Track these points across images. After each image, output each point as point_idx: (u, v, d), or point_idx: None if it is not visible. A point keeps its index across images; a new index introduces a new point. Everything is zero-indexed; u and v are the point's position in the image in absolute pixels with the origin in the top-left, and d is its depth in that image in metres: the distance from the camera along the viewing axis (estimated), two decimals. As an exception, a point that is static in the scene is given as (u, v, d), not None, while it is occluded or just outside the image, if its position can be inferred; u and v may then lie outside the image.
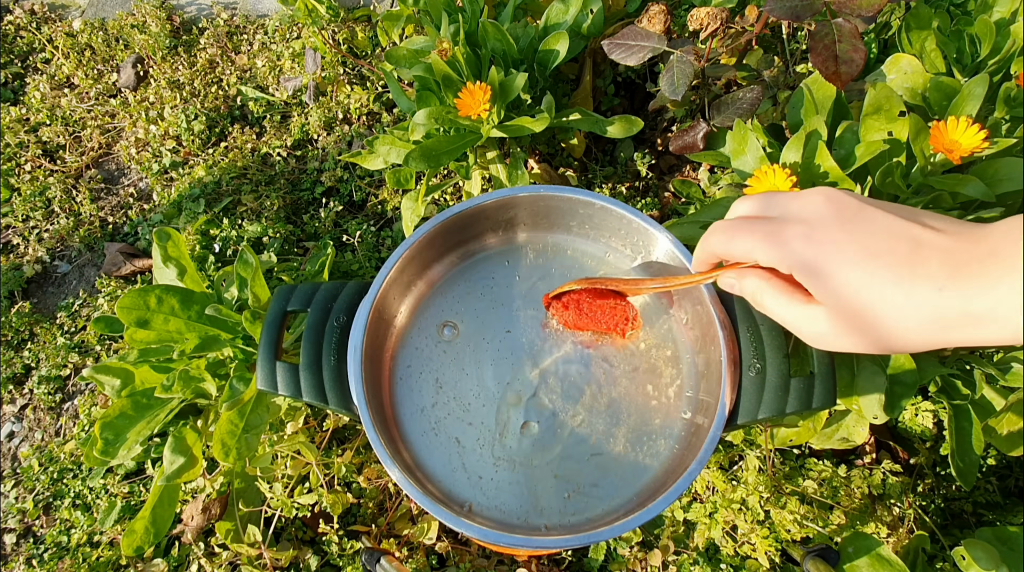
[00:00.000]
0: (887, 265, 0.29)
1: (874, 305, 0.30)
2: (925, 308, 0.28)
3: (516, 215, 0.60)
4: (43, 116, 1.37)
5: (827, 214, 0.32)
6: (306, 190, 1.23)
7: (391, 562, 0.77)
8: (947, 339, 0.29)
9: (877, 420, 0.66)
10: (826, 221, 0.31)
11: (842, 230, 0.31)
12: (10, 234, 1.26)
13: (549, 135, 1.07)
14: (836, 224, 0.31)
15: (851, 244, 0.30)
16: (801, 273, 0.32)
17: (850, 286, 0.30)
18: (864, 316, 0.30)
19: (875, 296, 0.29)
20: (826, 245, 0.31)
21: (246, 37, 1.46)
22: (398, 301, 0.58)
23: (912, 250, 0.29)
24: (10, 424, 1.09)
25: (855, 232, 0.30)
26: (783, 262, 0.32)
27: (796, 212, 0.33)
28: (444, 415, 0.55)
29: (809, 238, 0.31)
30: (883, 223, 0.30)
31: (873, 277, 0.29)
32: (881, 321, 0.30)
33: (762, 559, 0.80)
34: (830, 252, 0.30)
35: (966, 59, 0.72)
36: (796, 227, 0.32)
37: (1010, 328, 0.27)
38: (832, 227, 0.31)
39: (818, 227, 0.31)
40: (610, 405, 0.55)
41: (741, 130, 0.73)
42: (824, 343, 0.33)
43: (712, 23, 0.76)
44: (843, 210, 0.31)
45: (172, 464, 0.75)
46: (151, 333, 0.75)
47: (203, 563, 0.88)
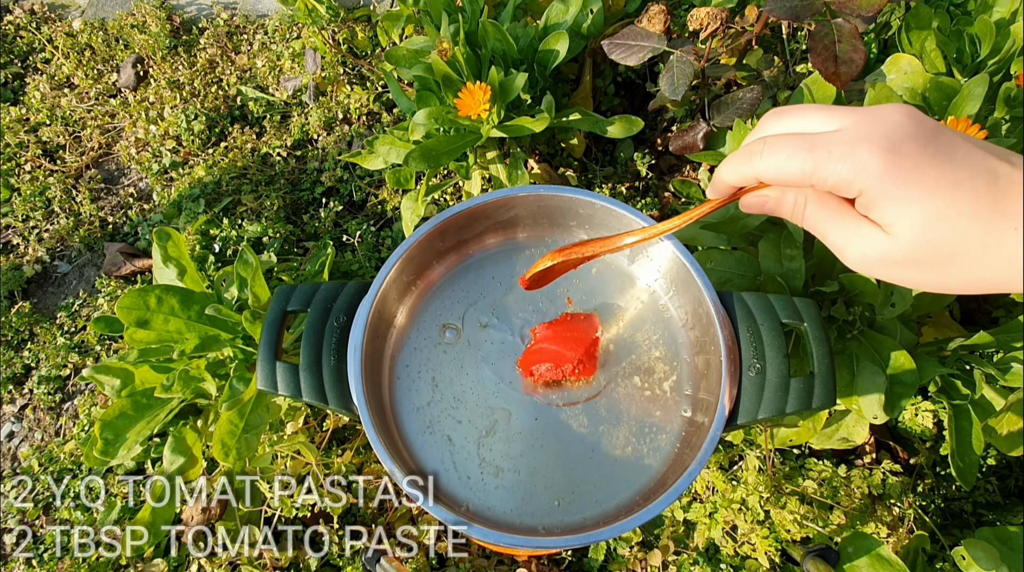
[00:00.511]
0: (967, 198, 0.27)
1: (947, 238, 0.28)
2: (1000, 247, 0.27)
3: (516, 215, 0.60)
4: (43, 116, 1.37)
5: (909, 131, 0.29)
6: (306, 190, 1.23)
7: (391, 562, 0.77)
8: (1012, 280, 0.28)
9: (877, 420, 0.66)
10: (908, 139, 0.28)
11: (924, 151, 0.28)
12: (10, 234, 1.26)
13: (549, 135, 1.07)
14: (918, 143, 0.28)
15: (933, 170, 0.28)
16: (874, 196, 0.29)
17: (927, 216, 0.28)
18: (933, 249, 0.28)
19: (950, 228, 0.28)
20: (907, 167, 0.28)
21: (246, 37, 1.46)
22: (398, 301, 0.58)
23: (991, 183, 0.27)
24: (10, 424, 1.09)
25: (937, 156, 0.28)
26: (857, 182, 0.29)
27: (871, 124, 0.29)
28: (443, 415, 0.55)
29: (890, 156, 0.28)
30: (963, 150, 0.28)
31: (951, 207, 0.27)
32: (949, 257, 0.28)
33: (762, 559, 0.80)
34: (911, 176, 0.28)
35: (966, 59, 0.72)
36: (875, 142, 0.28)
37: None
38: (915, 145, 0.28)
39: (901, 144, 0.28)
40: (610, 405, 0.55)
41: (741, 130, 0.73)
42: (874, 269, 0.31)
43: (712, 23, 0.76)
44: (923, 129, 0.29)
45: (172, 464, 0.75)
46: (151, 333, 0.75)
47: (203, 563, 0.88)
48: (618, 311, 0.59)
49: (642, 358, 0.57)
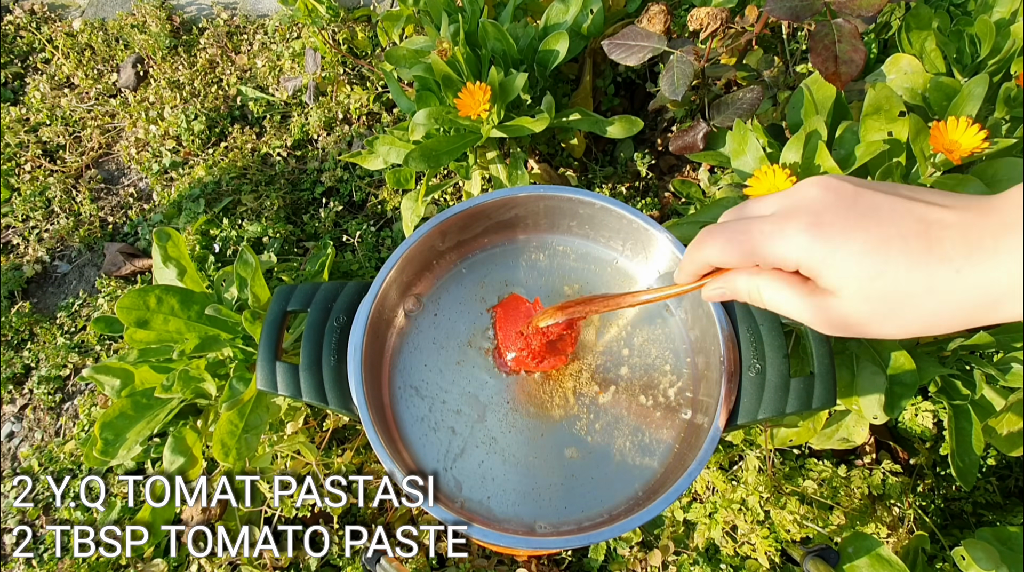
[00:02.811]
0: (901, 250, 0.28)
1: (892, 292, 0.29)
2: (946, 293, 0.27)
3: (516, 215, 0.60)
4: (43, 116, 1.37)
5: (828, 202, 0.30)
6: (306, 190, 1.23)
7: (391, 562, 0.77)
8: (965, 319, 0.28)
9: (877, 420, 0.66)
10: (829, 209, 0.30)
11: (847, 218, 0.29)
12: (10, 234, 1.26)
13: (549, 135, 1.07)
14: (840, 212, 0.30)
15: (860, 232, 0.29)
16: (810, 266, 0.30)
17: (864, 275, 0.29)
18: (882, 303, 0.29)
19: (892, 283, 0.28)
20: (834, 235, 0.29)
21: (246, 37, 1.46)
22: (398, 301, 0.58)
23: (923, 231, 0.28)
24: (10, 424, 1.09)
25: (861, 218, 0.29)
26: (790, 257, 0.31)
27: (794, 205, 0.31)
28: (443, 415, 0.55)
29: (815, 229, 0.30)
30: (887, 206, 0.29)
31: (887, 264, 0.28)
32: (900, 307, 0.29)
33: (762, 559, 0.80)
34: (839, 242, 0.29)
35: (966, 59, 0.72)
36: (798, 220, 0.30)
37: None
38: (836, 215, 0.30)
39: (822, 216, 0.30)
40: (609, 405, 0.55)
41: (741, 130, 0.73)
42: (840, 331, 0.32)
43: (712, 23, 0.76)
44: (842, 197, 0.30)
45: (172, 464, 0.75)
46: (151, 333, 0.75)
47: (203, 563, 0.88)
48: (618, 311, 0.59)
49: (642, 358, 0.57)
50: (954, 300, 0.27)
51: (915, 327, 0.29)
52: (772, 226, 0.31)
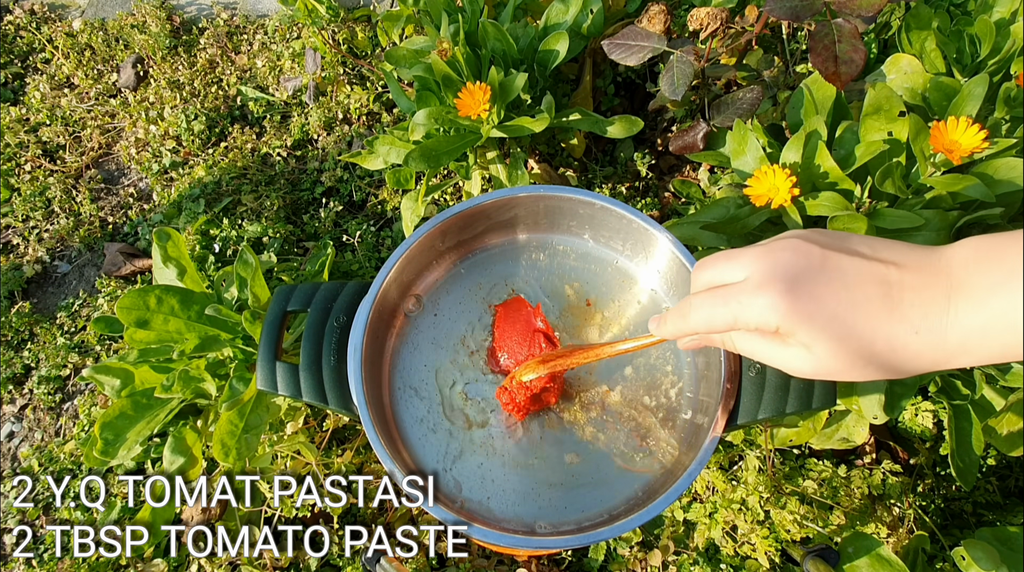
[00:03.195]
0: (866, 313, 0.31)
1: (858, 350, 0.32)
2: (904, 351, 0.31)
3: (516, 215, 0.60)
4: (43, 116, 1.37)
5: (800, 267, 0.33)
6: (306, 190, 1.23)
7: (391, 562, 0.77)
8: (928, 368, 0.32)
9: (877, 420, 0.66)
10: (801, 275, 0.33)
11: (817, 282, 0.32)
12: (10, 234, 1.26)
13: (549, 135, 1.07)
14: (810, 276, 0.32)
15: (831, 297, 0.32)
16: (787, 329, 0.33)
17: (836, 337, 0.32)
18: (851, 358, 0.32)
19: (858, 343, 0.32)
20: (806, 301, 0.32)
21: (246, 37, 1.46)
22: (398, 301, 0.58)
23: (884, 294, 0.31)
24: (10, 424, 1.09)
25: (830, 283, 0.32)
26: (770, 323, 0.33)
27: (769, 270, 0.33)
28: (443, 415, 0.55)
29: (790, 295, 0.32)
30: (851, 269, 0.32)
31: (854, 328, 0.32)
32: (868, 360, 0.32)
33: (762, 559, 0.80)
34: (813, 307, 0.32)
35: (966, 59, 0.72)
36: (774, 287, 0.33)
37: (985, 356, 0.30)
38: (807, 278, 0.32)
39: (796, 283, 0.32)
40: (609, 405, 0.55)
41: (741, 130, 0.73)
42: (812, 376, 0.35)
43: (712, 23, 0.76)
44: (811, 261, 0.33)
45: (172, 464, 0.75)
46: (151, 333, 0.75)
47: (203, 563, 0.88)
48: (618, 312, 0.59)
49: (642, 358, 0.57)
50: (913, 355, 0.31)
51: (879, 375, 0.33)
52: (749, 295, 0.33)
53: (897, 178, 0.62)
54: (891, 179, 0.62)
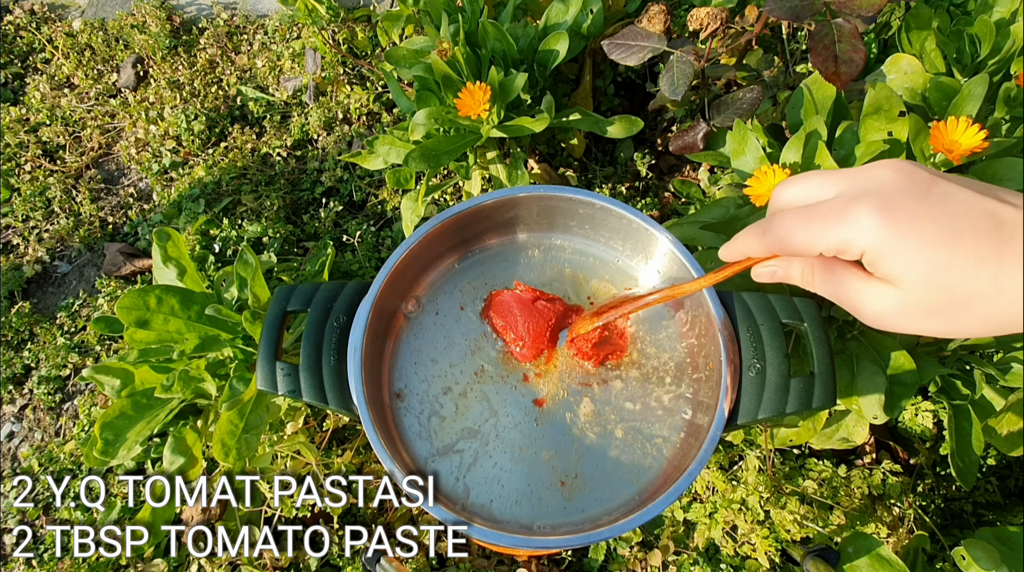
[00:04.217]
0: (971, 245, 0.27)
1: (957, 287, 0.28)
2: (1011, 291, 0.27)
3: (516, 215, 0.60)
4: (43, 116, 1.37)
5: (900, 186, 0.29)
6: (306, 190, 1.23)
7: (391, 562, 0.77)
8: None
9: (877, 420, 0.66)
10: (900, 194, 0.29)
11: (919, 205, 0.28)
12: (10, 234, 1.26)
13: (549, 135, 1.07)
14: (912, 198, 0.28)
15: (931, 221, 0.28)
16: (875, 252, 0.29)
17: (933, 267, 0.28)
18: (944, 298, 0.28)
19: (958, 278, 0.28)
20: (903, 221, 0.28)
21: (246, 37, 1.46)
22: (398, 301, 0.58)
23: (994, 228, 0.27)
24: (10, 424, 1.09)
25: (933, 207, 0.28)
26: (856, 242, 0.29)
27: (862, 185, 0.30)
28: (441, 415, 0.55)
29: (884, 213, 0.28)
30: (960, 198, 0.28)
31: (956, 257, 0.27)
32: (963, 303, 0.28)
33: (762, 559, 0.80)
34: (909, 229, 0.28)
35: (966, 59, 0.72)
36: (867, 202, 0.29)
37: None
38: (908, 201, 0.28)
39: (893, 200, 0.28)
40: (609, 405, 0.55)
41: (741, 130, 0.73)
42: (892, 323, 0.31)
43: (712, 23, 0.76)
44: (916, 183, 0.29)
45: (172, 464, 0.75)
46: (151, 333, 0.75)
47: (203, 563, 0.88)
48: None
49: (643, 358, 0.57)
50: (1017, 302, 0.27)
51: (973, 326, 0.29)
52: (837, 211, 0.30)
53: (897, 178, 0.62)
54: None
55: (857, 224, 0.29)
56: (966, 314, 0.28)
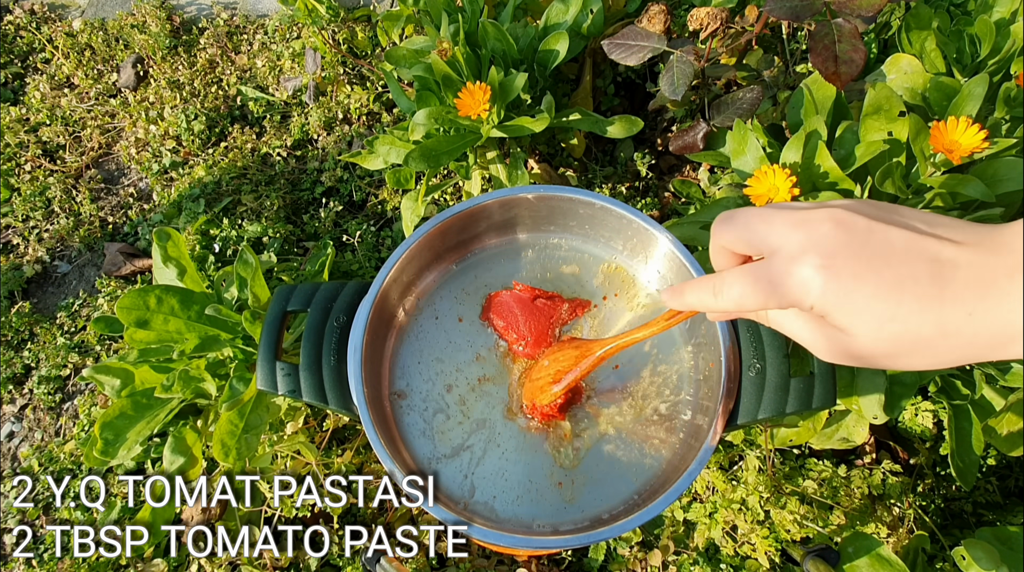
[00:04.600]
0: (913, 293, 0.28)
1: (903, 335, 0.28)
2: (956, 336, 0.27)
3: (516, 215, 0.60)
4: (43, 116, 1.37)
5: (840, 241, 0.29)
6: (306, 190, 1.23)
7: (391, 562, 0.77)
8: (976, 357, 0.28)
9: (877, 420, 0.66)
10: (840, 250, 0.29)
11: (858, 259, 0.29)
12: (10, 234, 1.26)
13: (549, 135, 1.07)
14: (851, 252, 0.29)
15: (873, 274, 0.28)
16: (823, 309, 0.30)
17: (876, 319, 0.29)
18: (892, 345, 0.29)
19: (902, 326, 0.28)
20: (845, 278, 0.28)
21: (246, 37, 1.46)
22: (398, 301, 0.58)
23: (935, 272, 0.27)
24: (10, 424, 1.09)
25: (872, 259, 0.28)
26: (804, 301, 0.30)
27: (805, 242, 0.30)
28: (442, 415, 0.55)
29: (826, 272, 0.29)
30: (900, 244, 0.28)
31: (899, 307, 0.28)
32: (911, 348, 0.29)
33: (762, 559, 0.80)
34: (852, 285, 0.28)
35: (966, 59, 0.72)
36: (809, 261, 0.29)
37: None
38: (848, 256, 0.29)
39: (834, 258, 0.29)
40: (609, 406, 0.55)
41: (741, 130, 0.73)
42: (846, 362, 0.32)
43: (712, 23, 0.76)
44: (855, 235, 0.29)
45: (172, 464, 0.75)
46: (151, 333, 0.75)
47: (203, 563, 0.88)
48: (618, 313, 0.59)
49: (642, 359, 0.57)
50: (965, 342, 0.27)
51: (924, 364, 0.29)
52: (781, 272, 0.30)
53: (897, 178, 0.62)
54: (891, 179, 0.62)
55: (803, 287, 0.29)
56: (914, 357, 0.29)
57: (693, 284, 0.36)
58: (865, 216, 0.30)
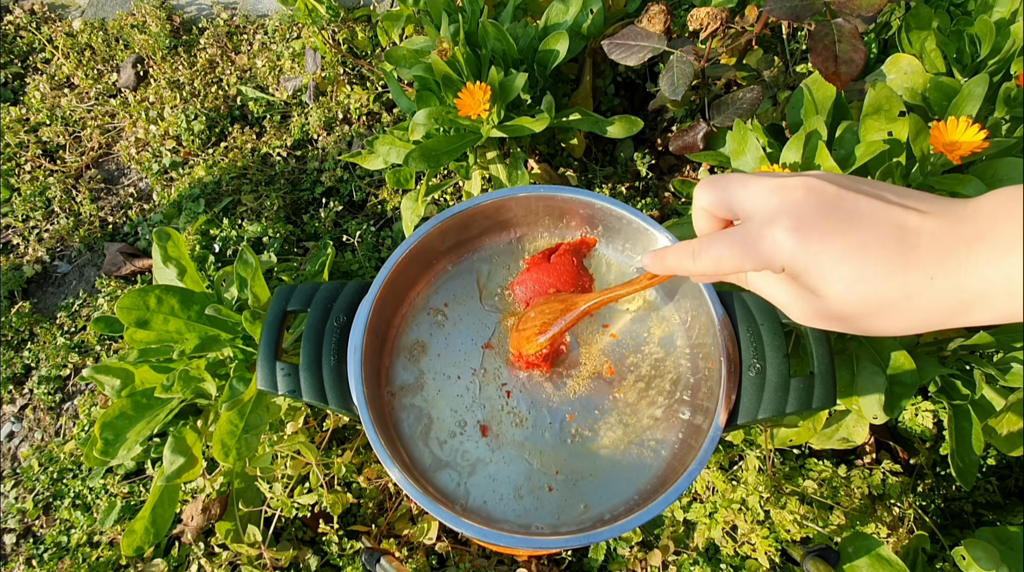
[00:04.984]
0: (878, 257, 0.29)
1: (869, 297, 0.30)
2: (919, 298, 0.29)
3: (516, 215, 0.60)
4: (43, 116, 1.37)
5: (810, 206, 0.31)
6: (306, 190, 1.23)
7: (391, 562, 0.77)
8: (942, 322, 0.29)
9: (877, 420, 0.66)
10: (810, 214, 0.31)
11: (828, 222, 0.30)
12: (10, 234, 1.26)
13: (549, 135, 1.07)
14: (820, 216, 0.30)
15: (840, 238, 0.30)
16: (793, 270, 0.31)
17: (843, 281, 0.30)
18: (859, 306, 0.30)
19: (869, 289, 0.30)
20: (814, 240, 0.30)
21: (246, 37, 1.46)
22: (398, 301, 0.58)
23: (900, 238, 0.29)
24: (10, 424, 1.09)
25: (841, 224, 0.30)
26: (775, 263, 0.32)
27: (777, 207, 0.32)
28: (443, 415, 0.55)
29: (796, 234, 0.30)
30: (867, 210, 0.30)
31: (864, 270, 0.29)
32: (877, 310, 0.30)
33: (762, 559, 0.80)
34: (820, 247, 0.30)
35: (966, 59, 0.72)
36: (780, 225, 0.31)
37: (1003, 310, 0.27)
38: (818, 220, 0.30)
39: (804, 221, 0.31)
40: (609, 405, 0.55)
41: (741, 130, 0.73)
42: (816, 324, 0.34)
43: (712, 23, 0.76)
44: (825, 201, 0.31)
45: (172, 464, 0.75)
46: (151, 333, 0.75)
47: (203, 563, 0.88)
48: (618, 312, 0.59)
49: (642, 359, 0.57)
50: (927, 305, 0.29)
51: (893, 326, 0.31)
52: (755, 236, 0.32)
53: (897, 178, 0.62)
54: (891, 179, 0.62)
55: (775, 248, 0.31)
56: (881, 319, 0.31)
57: (673, 248, 0.38)
58: (836, 185, 0.31)
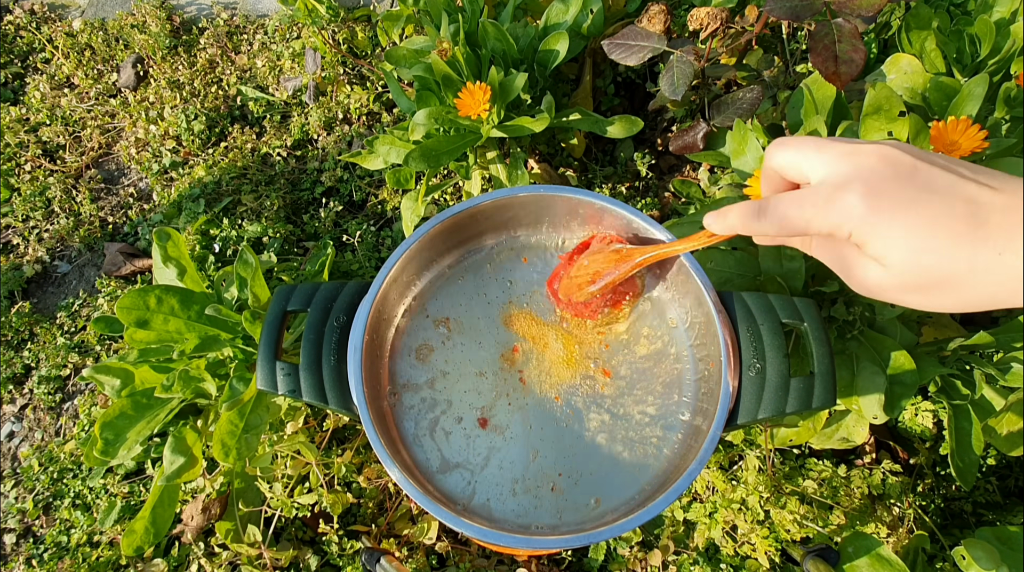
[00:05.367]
0: (948, 229, 0.29)
1: (935, 268, 0.30)
2: (985, 273, 0.29)
3: (515, 215, 0.60)
4: (43, 116, 1.37)
5: (885, 174, 0.31)
6: (306, 190, 1.23)
7: (391, 562, 0.77)
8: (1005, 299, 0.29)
9: (877, 420, 0.66)
10: (884, 181, 0.30)
11: (901, 191, 0.30)
12: (10, 234, 1.26)
13: (549, 135, 1.07)
14: (895, 185, 0.30)
15: (912, 207, 0.30)
16: (861, 235, 0.31)
17: (910, 250, 0.30)
18: (924, 277, 0.30)
19: (936, 260, 0.29)
20: (885, 208, 0.30)
21: (246, 37, 1.46)
22: (398, 301, 0.58)
23: (971, 212, 0.29)
24: (10, 424, 1.09)
25: (914, 193, 0.30)
26: (844, 227, 0.31)
27: (850, 172, 0.31)
28: (442, 415, 0.55)
29: (868, 200, 0.30)
30: (942, 183, 0.30)
31: (933, 240, 0.29)
32: (941, 282, 0.30)
33: (762, 559, 0.80)
34: (890, 216, 0.30)
35: (966, 59, 0.72)
36: (853, 189, 0.31)
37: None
38: (891, 188, 0.30)
39: (877, 188, 0.30)
40: (610, 405, 0.55)
41: (741, 130, 0.73)
42: (876, 294, 0.33)
43: (712, 23, 0.76)
44: (900, 169, 0.31)
45: (172, 464, 0.75)
46: (151, 333, 0.75)
47: (203, 563, 0.88)
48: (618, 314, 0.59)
49: (643, 359, 0.57)
50: (993, 281, 0.29)
51: (950, 302, 0.31)
52: (826, 197, 0.32)
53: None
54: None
55: (844, 211, 0.31)
56: (944, 292, 0.30)
57: (737, 206, 0.37)
58: (912, 155, 0.31)
